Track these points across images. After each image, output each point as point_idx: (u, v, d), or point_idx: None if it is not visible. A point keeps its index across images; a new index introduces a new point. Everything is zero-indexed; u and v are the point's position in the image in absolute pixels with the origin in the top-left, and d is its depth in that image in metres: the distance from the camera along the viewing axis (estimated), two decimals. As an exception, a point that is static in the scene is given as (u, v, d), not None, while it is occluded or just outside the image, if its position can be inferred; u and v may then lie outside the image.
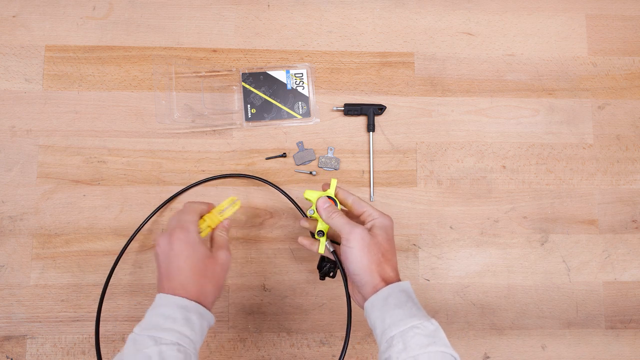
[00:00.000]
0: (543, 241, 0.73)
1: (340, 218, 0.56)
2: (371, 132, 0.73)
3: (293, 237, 0.71)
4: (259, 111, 0.73)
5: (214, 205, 0.60)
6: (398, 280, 0.54)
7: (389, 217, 0.57)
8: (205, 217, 0.61)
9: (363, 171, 0.73)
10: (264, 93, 0.73)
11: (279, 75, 0.74)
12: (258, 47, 0.75)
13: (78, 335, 0.68)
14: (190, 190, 0.70)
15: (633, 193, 0.74)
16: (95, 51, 0.73)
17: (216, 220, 0.61)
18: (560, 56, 0.77)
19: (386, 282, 0.52)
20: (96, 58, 0.73)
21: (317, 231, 0.59)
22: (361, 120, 0.74)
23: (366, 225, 0.56)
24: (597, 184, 0.74)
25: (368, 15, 0.77)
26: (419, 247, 0.72)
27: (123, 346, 0.68)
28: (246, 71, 0.74)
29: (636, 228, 0.74)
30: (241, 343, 0.69)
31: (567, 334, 0.71)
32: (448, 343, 0.48)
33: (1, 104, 0.71)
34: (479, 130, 0.75)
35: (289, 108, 0.73)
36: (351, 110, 0.73)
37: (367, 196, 0.72)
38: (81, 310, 0.68)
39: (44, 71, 0.72)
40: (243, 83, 0.73)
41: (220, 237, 0.59)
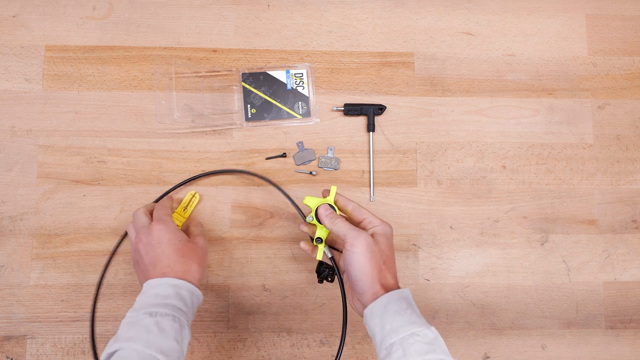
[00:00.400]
0: (543, 241, 0.73)
1: (344, 224, 0.56)
2: (371, 132, 0.73)
3: (293, 237, 0.71)
4: (259, 111, 0.73)
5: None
6: (398, 287, 0.54)
7: (389, 225, 0.57)
8: (172, 217, 0.68)
9: (363, 171, 0.73)
10: (264, 93, 0.73)
11: (279, 75, 0.74)
12: (258, 47, 0.75)
13: (78, 335, 0.68)
14: (189, 184, 0.70)
15: (633, 193, 0.74)
16: (95, 51, 0.73)
17: (181, 217, 0.69)
18: (560, 56, 0.77)
19: (386, 290, 0.52)
20: (96, 58, 0.73)
21: (316, 238, 0.59)
22: (361, 120, 0.74)
23: (368, 232, 0.56)
24: (597, 184, 0.74)
25: (368, 15, 0.77)
26: (419, 247, 0.72)
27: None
28: (246, 71, 0.74)
29: (636, 228, 0.74)
30: (241, 343, 0.69)
31: (567, 334, 0.71)
32: (447, 351, 0.48)
33: (1, 104, 0.71)
34: (479, 130, 0.75)
35: (289, 108, 0.73)
36: (351, 110, 0.73)
37: (367, 196, 0.72)
38: (81, 310, 0.68)
39: (44, 71, 0.72)
40: (243, 83, 0.73)
41: (195, 229, 0.66)
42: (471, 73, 0.76)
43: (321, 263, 0.63)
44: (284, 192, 0.66)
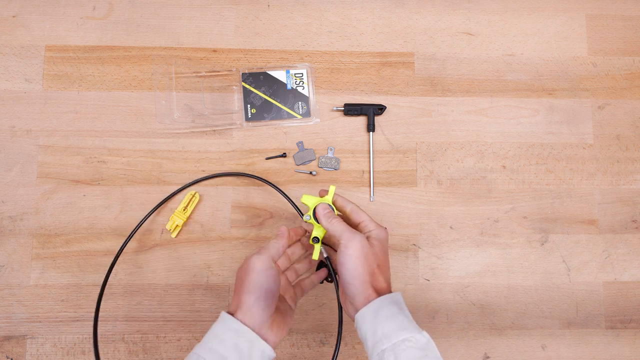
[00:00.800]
0: (543, 241, 0.73)
1: (340, 224, 0.55)
2: (371, 132, 0.73)
3: (293, 237, 0.71)
4: (259, 111, 0.73)
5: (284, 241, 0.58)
6: (390, 292, 0.54)
7: (385, 230, 0.57)
8: (171, 217, 0.69)
9: (363, 171, 0.73)
10: (264, 93, 0.73)
11: (279, 75, 0.74)
12: (258, 47, 0.75)
13: (78, 335, 0.68)
14: (190, 187, 0.70)
15: (633, 193, 0.74)
16: (95, 51, 0.73)
17: (182, 217, 0.69)
18: (560, 56, 0.77)
19: (378, 294, 0.52)
20: (96, 58, 0.73)
21: (312, 237, 0.59)
22: (361, 120, 0.74)
23: (364, 235, 0.56)
24: (597, 184, 0.74)
25: (368, 15, 0.77)
26: (419, 247, 0.72)
27: (126, 347, 0.68)
28: (246, 71, 0.74)
29: (636, 228, 0.74)
30: (241, 343, 0.69)
31: (567, 334, 0.71)
32: (440, 356, 0.48)
33: (1, 104, 0.71)
34: (479, 130, 0.75)
35: (289, 108, 0.73)
36: (351, 110, 0.73)
37: (367, 196, 0.72)
38: (81, 310, 0.68)
39: (44, 71, 0.72)
40: (243, 83, 0.73)
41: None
42: (471, 73, 0.76)
43: (321, 263, 0.63)
44: (282, 192, 0.66)
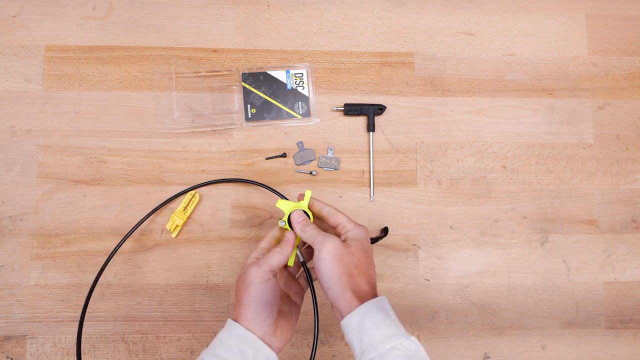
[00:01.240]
0: (543, 241, 0.73)
1: (312, 231, 0.54)
2: (371, 132, 0.73)
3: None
4: (259, 111, 0.73)
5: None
6: (374, 294, 0.52)
7: (364, 228, 0.55)
8: (171, 217, 0.69)
9: (363, 171, 0.73)
10: (264, 93, 0.73)
11: (279, 75, 0.74)
12: (258, 47, 0.75)
13: (78, 335, 0.68)
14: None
15: (633, 193, 0.74)
16: (95, 51, 0.73)
17: (182, 217, 0.69)
18: (560, 56, 0.77)
19: (360, 298, 0.50)
20: (96, 58, 0.73)
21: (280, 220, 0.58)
22: (361, 120, 0.74)
23: (341, 237, 0.54)
24: (597, 184, 0.74)
25: (368, 15, 0.77)
26: (419, 247, 0.72)
27: (126, 347, 0.68)
28: (246, 71, 0.74)
29: (636, 228, 0.74)
30: (241, 343, 0.69)
31: (567, 334, 0.71)
32: None
33: (1, 104, 0.71)
34: (479, 130, 0.75)
35: (289, 108, 0.73)
36: (351, 110, 0.73)
37: (367, 196, 0.72)
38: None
39: (44, 71, 0.72)
40: (243, 83, 0.73)
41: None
42: (471, 73, 0.76)
43: None
44: (279, 194, 0.66)
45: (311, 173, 0.72)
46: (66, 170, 0.71)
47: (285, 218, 0.57)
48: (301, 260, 0.58)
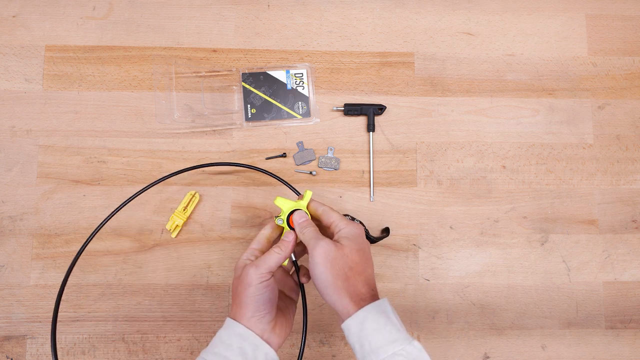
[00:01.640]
0: (543, 241, 0.73)
1: (309, 233, 0.53)
2: (371, 132, 0.73)
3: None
4: (259, 111, 0.73)
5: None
6: (373, 295, 0.51)
7: (358, 226, 0.54)
8: (171, 217, 0.69)
9: (363, 171, 0.73)
10: (264, 93, 0.73)
11: (279, 75, 0.74)
12: (258, 47, 0.75)
13: (78, 335, 0.68)
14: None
15: (633, 193, 0.74)
16: (95, 51, 0.73)
17: (182, 217, 0.69)
18: (560, 56, 0.77)
19: (358, 302, 0.49)
20: (96, 58, 0.73)
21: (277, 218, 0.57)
22: (361, 120, 0.74)
23: (335, 236, 0.53)
24: (597, 184, 0.74)
25: (368, 15, 0.77)
26: (419, 247, 0.72)
27: (126, 347, 0.68)
28: (246, 71, 0.74)
29: (636, 228, 0.74)
30: (241, 343, 0.69)
31: (567, 334, 0.71)
32: None
33: (1, 104, 0.71)
34: (479, 130, 0.75)
35: (289, 108, 0.73)
36: (351, 110, 0.73)
37: (367, 196, 0.72)
38: (81, 310, 0.68)
39: (44, 71, 0.72)
40: (243, 83, 0.73)
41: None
42: (471, 73, 0.76)
43: None
44: (292, 187, 0.66)
45: (311, 173, 0.72)
46: (66, 170, 0.71)
47: (283, 216, 0.57)
48: (294, 259, 0.58)
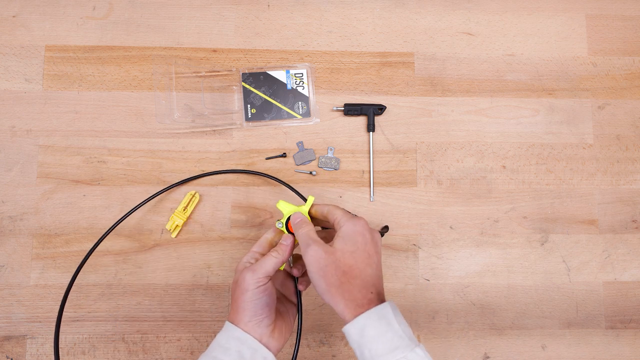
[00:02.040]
0: (543, 241, 0.73)
1: (302, 235, 0.52)
2: (371, 132, 0.73)
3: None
4: (259, 111, 0.73)
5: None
6: (371, 300, 0.48)
7: (358, 221, 0.51)
8: (171, 217, 0.69)
9: (363, 171, 0.73)
10: (264, 93, 0.73)
11: (279, 75, 0.74)
12: (258, 47, 0.75)
13: (78, 335, 0.68)
14: (190, 183, 0.70)
15: (633, 193, 0.74)
16: (95, 51, 0.73)
17: (182, 217, 0.69)
18: (560, 56, 0.77)
19: (356, 307, 0.47)
20: (96, 58, 0.73)
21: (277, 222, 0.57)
22: (361, 120, 0.74)
23: (336, 235, 0.52)
24: (597, 184, 0.74)
25: (368, 15, 0.77)
26: (419, 247, 0.72)
27: (126, 347, 0.68)
28: (246, 71, 0.74)
29: (636, 228, 0.74)
30: (241, 343, 0.69)
31: (567, 334, 0.71)
32: None
33: (1, 104, 0.71)
34: (479, 130, 0.75)
35: (289, 108, 0.73)
36: (351, 110, 0.73)
37: (367, 196, 0.72)
38: (81, 310, 0.68)
39: (44, 71, 0.72)
40: (243, 83, 0.73)
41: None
42: (471, 73, 0.76)
43: None
44: (293, 189, 0.66)
45: (311, 173, 0.72)
46: (66, 170, 0.71)
47: (283, 220, 0.57)
48: (291, 265, 0.58)
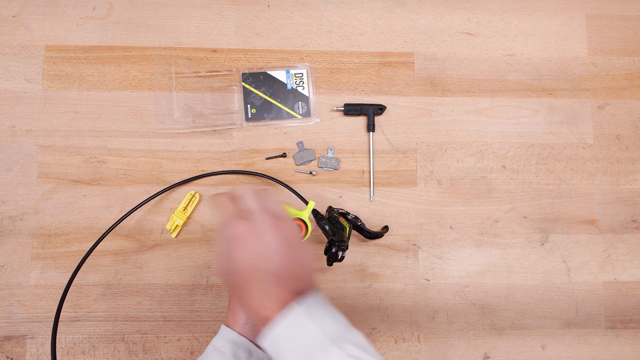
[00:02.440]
0: (543, 241, 0.73)
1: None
2: (371, 132, 0.73)
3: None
4: (259, 111, 0.73)
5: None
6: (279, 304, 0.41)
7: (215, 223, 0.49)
8: (171, 217, 0.69)
9: (363, 171, 0.73)
10: (264, 93, 0.73)
11: (279, 75, 0.74)
12: (258, 47, 0.75)
13: (78, 335, 0.68)
14: (190, 183, 0.70)
15: (633, 193, 0.74)
16: (95, 51, 0.73)
17: (182, 217, 0.69)
18: (560, 56, 0.77)
19: (260, 321, 0.41)
20: (96, 58, 0.73)
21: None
22: (361, 120, 0.74)
23: None
24: (597, 184, 0.74)
25: (368, 15, 0.77)
26: (419, 247, 0.72)
27: (126, 347, 0.68)
28: (246, 71, 0.74)
29: (636, 228, 0.74)
30: (241, 343, 0.69)
31: (567, 334, 0.71)
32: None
33: (1, 104, 0.71)
34: (479, 130, 0.75)
35: (289, 108, 0.73)
36: (351, 110, 0.73)
37: (367, 196, 0.72)
38: (81, 310, 0.68)
39: (44, 71, 0.72)
40: (243, 83, 0.73)
41: None
42: (471, 73, 0.76)
43: (331, 244, 0.60)
44: (293, 190, 0.66)
45: (311, 173, 0.72)
46: (66, 170, 0.71)
47: None
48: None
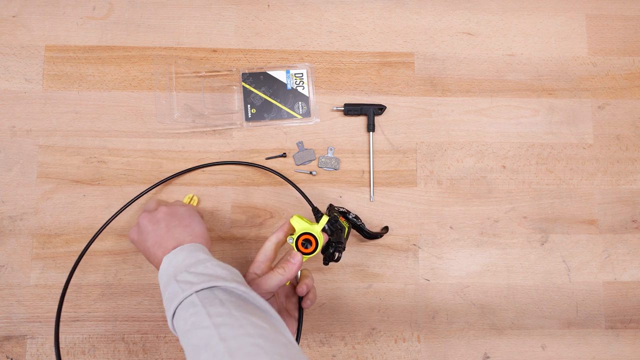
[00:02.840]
0: (543, 241, 0.73)
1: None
2: (371, 132, 0.73)
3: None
4: (259, 111, 0.73)
5: None
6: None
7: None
8: None
9: (363, 171, 0.73)
10: (264, 93, 0.73)
11: (279, 75, 0.74)
12: (258, 47, 0.75)
13: (78, 335, 0.68)
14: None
15: (633, 193, 0.74)
16: (95, 51, 0.73)
17: None
18: (560, 56, 0.77)
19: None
20: (96, 58, 0.73)
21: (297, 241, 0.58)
22: (361, 120, 0.74)
23: None
24: (597, 184, 0.74)
25: (368, 15, 0.77)
26: (419, 247, 0.72)
27: (126, 347, 0.68)
28: (246, 71, 0.74)
29: (636, 228, 0.74)
30: (241, 343, 0.69)
31: (567, 334, 0.71)
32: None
33: (1, 104, 0.71)
34: (479, 130, 0.75)
35: (289, 108, 0.73)
36: (351, 110, 0.73)
37: (367, 196, 0.72)
38: (81, 310, 0.68)
39: (44, 71, 0.72)
40: (243, 83, 0.73)
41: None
42: (471, 73, 0.76)
43: (328, 244, 0.61)
44: (299, 189, 0.66)
45: (311, 173, 0.72)
46: (66, 170, 0.71)
47: (294, 236, 0.58)
48: (297, 281, 0.59)
